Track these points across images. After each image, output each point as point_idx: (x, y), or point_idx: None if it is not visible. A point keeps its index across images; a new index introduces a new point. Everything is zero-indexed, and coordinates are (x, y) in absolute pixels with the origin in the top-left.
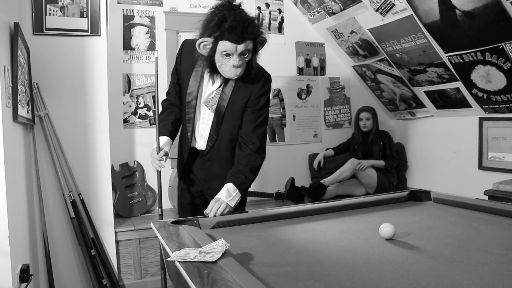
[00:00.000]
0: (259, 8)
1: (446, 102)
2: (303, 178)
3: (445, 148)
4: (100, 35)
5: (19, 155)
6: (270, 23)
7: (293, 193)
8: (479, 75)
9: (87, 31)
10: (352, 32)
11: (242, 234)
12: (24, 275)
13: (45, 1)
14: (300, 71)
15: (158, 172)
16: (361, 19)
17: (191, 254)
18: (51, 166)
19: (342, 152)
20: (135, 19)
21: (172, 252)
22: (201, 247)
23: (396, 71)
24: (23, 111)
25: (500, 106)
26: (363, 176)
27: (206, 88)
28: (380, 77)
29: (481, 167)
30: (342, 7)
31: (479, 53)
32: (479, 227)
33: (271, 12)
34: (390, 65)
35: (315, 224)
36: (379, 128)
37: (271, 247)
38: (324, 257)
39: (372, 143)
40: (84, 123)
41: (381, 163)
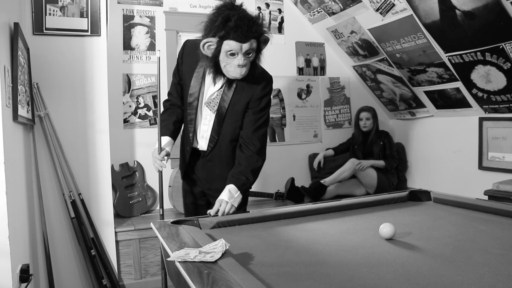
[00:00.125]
0: (259, 8)
1: (446, 102)
2: (303, 178)
3: (445, 148)
4: (100, 35)
5: (19, 155)
6: (270, 23)
7: (293, 193)
8: (479, 75)
9: (87, 31)
10: (352, 32)
11: (242, 234)
12: (24, 275)
13: (45, 1)
14: (300, 71)
15: (160, 172)
16: (361, 19)
17: (191, 254)
18: (51, 166)
19: (342, 152)
20: (135, 19)
21: (172, 252)
22: (201, 247)
23: (396, 71)
24: (23, 111)
25: (500, 106)
26: (363, 176)
27: (207, 89)
28: (380, 77)
29: (481, 167)
30: (342, 7)
31: (479, 53)
32: (479, 227)
33: (271, 12)
34: (390, 65)
35: (315, 224)
36: (379, 128)
37: (271, 247)
38: (324, 257)
39: (372, 143)
40: (84, 123)
41: (381, 163)
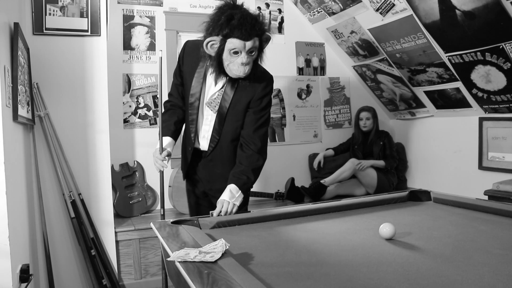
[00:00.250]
0: (259, 8)
1: (446, 102)
2: (303, 178)
3: (445, 148)
4: (100, 35)
5: (19, 155)
6: (270, 23)
7: (293, 193)
8: (479, 75)
9: (87, 31)
10: (352, 32)
11: (242, 234)
12: (24, 275)
13: (45, 1)
14: (300, 71)
15: (161, 172)
16: (361, 19)
17: (191, 254)
18: (51, 166)
19: (342, 152)
20: (135, 19)
21: (172, 252)
22: (201, 247)
23: (396, 71)
24: (23, 111)
25: (500, 106)
26: (363, 176)
27: (208, 89)
28: (380, 77)
29: (481, 167)
30: (342, 7)
31: (479, 53)
32: (479, 227)
33: (271, 12)
34: (390, 65)
35: (315, 224)
36: (379, 128)
37: (271, 247)
38: (324, 257)
39: (372, 143)
40: (84, 123)
41: (381, 163)
